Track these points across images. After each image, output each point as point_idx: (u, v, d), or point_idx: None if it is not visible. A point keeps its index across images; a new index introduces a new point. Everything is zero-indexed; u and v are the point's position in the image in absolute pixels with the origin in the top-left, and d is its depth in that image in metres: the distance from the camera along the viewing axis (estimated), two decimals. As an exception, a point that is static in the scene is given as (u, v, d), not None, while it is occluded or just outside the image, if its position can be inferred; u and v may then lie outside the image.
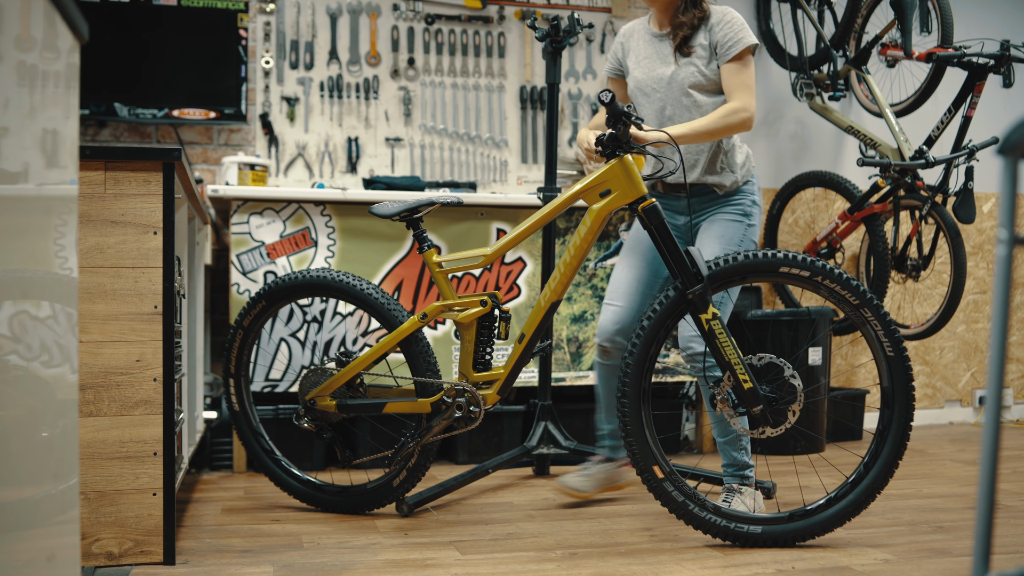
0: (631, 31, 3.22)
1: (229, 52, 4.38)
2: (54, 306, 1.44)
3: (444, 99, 4.76)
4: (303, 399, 3.08)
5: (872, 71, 4.72)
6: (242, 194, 3.85)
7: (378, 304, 3.03)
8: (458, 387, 2.92)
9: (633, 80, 3.14)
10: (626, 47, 3.20)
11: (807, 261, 2.64)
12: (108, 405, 2.42)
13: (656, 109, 3.09)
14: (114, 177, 2.43)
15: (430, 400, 2.95)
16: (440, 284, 2.97)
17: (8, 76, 1.15)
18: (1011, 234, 1.08)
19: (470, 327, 2.93)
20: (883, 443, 2.64)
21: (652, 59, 3.11)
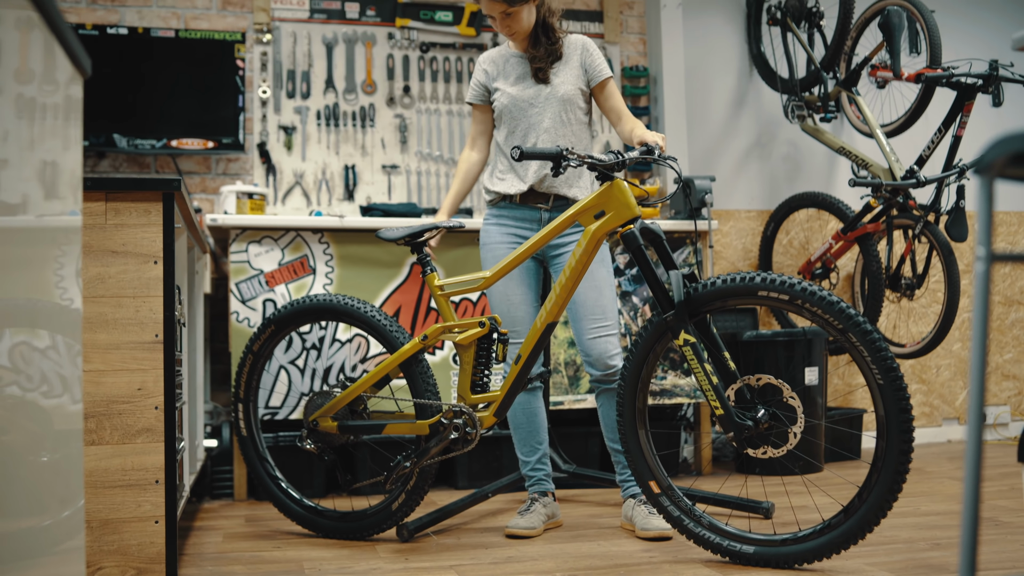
0: (493, 57, 3.35)
1: (226, 82, 4.43)
2: (55, 336, 1.46)
3: (440, 126, 4.81)
4: (306, 421, 3.13)
5: (862, 92, 4.77)
6: (240, 223, 3.89)
7: (381, 327, 3.08)
8: (456, 409, 2.95)
9: (507, 97, 3.24)
10: (491, 72, 3.31)
11: (786, 284, 2.55)
12: (110, 433, 2.44)
13: (532, 123, 3.22)
14: (115, 208, 2.46)
15: (428, 422, 2.98)
16: (441, 307, 3.03)
17: (9, 109, 1.18)
18: (988, 251, 1.11)
19: (469, 349, 2.97)
20: (877, 474, 2.51)
21: (524, 78, 3.26)
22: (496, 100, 3.28)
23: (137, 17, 4.50)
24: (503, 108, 3.25)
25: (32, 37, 1.24)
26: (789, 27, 4.91)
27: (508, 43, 3.36)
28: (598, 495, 3.86)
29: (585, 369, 3.24)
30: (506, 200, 3.27)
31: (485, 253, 3.30)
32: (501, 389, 2.96)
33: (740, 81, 5.24)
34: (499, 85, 3.28)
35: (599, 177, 2.81)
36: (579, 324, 3.18)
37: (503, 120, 3.28)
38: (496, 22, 3.20)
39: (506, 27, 3.19)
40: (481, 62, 3.36)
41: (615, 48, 5.07)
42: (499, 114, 3.28)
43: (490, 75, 3.32)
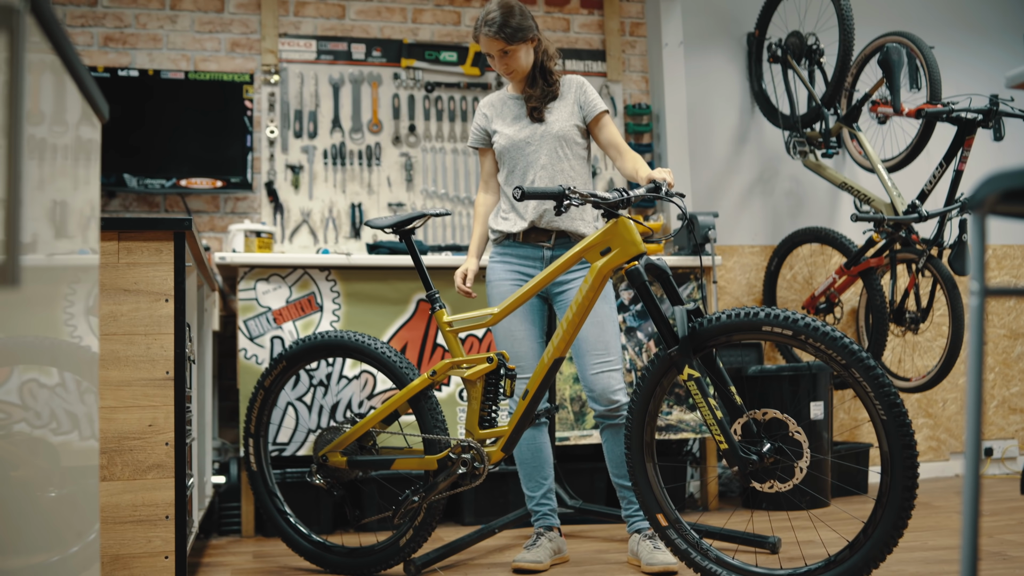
0: (492, 101, 3.44)
1: (235, 122, 4.49)
2: (63, 374, 1.49)
3: (445, 164, 4.86)
4: (316, 456, 3.16)
5: (864, 128, 4.82)
6: (249, 261, 3.93)
7: (390, 362, 3.12)
8: (464, 443, 2.98)
9: (505, 138, 3.31)
10: (490, 116, 3.40)
11: (789, 319, 2.56)
12: (121, 469, 2.47)
13: (530, 161, 3.28)
14: (127, 247, 2.51)
15: (437, 457, 3.01)
16: (450, 343, 3.08)
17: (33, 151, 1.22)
18: (982, 285, 1.14)
19: (477, 384, 3.00)
20: (882, 510, 2.48)
21: (521, 118, 3.34)
22: (495, 142, 3.35)
23: (147, 59, 4.57)
24: (502, 149, 3.32)
25: (54, 83, 1.29)
26: (790, 64, 4.97)
27: (507, 86, 3.43)
28: (604, 530, 3.87)
29: (589, 405, 3.27)
30: (509, 238, 3.32)
31: (491, 291, 3.34)
32: (509, 424, 2.98)
33: (742, 118, 5.29)
34: (497, 127, 3.35)
35: (605, 214, 2.85)
36: (582, 360, 3.21)
37: (503, 161, 3.34)
38: (495, 61, 3.27)
39: (504, 66, 3.26)
40: (481, 107, 3.44)
41: (618, 86, 5.14)
42: (499, 155, 3.35)
43: (488, 118, 3.39)
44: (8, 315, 1.07)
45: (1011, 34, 5.63)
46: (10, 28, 0.90)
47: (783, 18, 5.12)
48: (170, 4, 4.65)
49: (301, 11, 4.79)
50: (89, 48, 4.54)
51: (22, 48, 0.92)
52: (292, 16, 4.78)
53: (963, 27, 5.59)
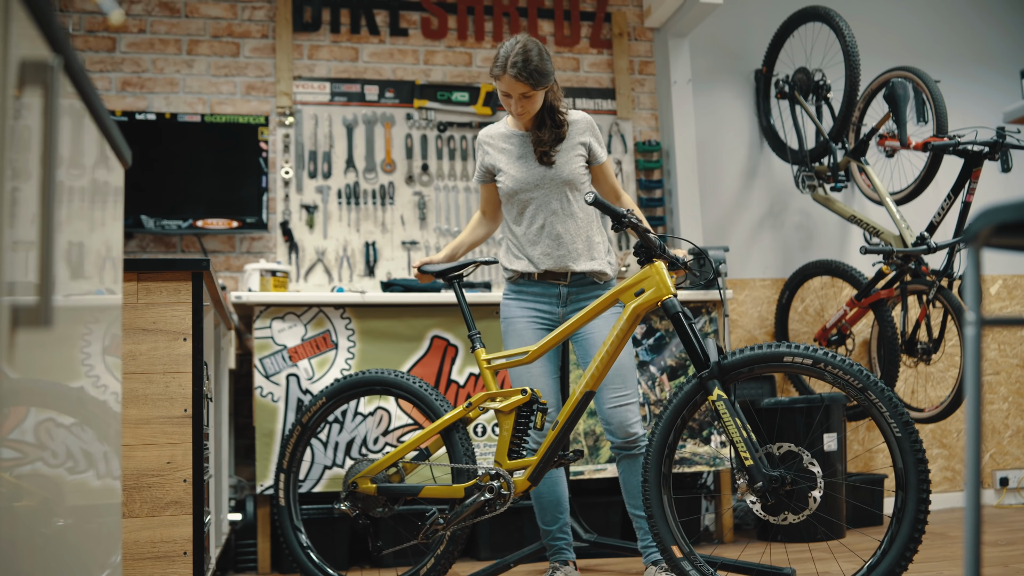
0: (492, 135, 3.41)
1: (250, 164, 4.57)
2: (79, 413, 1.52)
3: (458, 202, 4.92)
4: (346, 483, 3.22)
5: (872, 161, 4.86)
6: (264, 299, 3.98)
7: (427, 397, 3.24)
8: (492, 472, 3.04)
9: (512, 180, 3.31)
10: (491, 152, 3.39)
11: (809, 349, 2.73)
12: (140, 506, 2.50)
13: (540, 205, 3.30)
14: (146, 287, 2.56)
15: (465, 485, 3.07)
16: (486, 378, 3.17)
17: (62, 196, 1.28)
18: (978, 316, 1.18)
19: (509, 416, 3.08)
20: (899, 526, 2.63)
21: (527, 158, 3.33)
22: (501, 183, 3.35)
23: (164, 103, 4.66)
24: (509, 191, 3.32)
25: (81, 130, 1.35)
26: (797, 100, 5.02)
27: (507, 119, 3.43)
28: (619, 564, 3.87)
29: (606, 437, 3.31)
30: (525, 277, 3.36)
31: (507, 327, 3.37)
32: (537, 455, 3.04)
33: (751, 153, 5.34)
34: (501, 166, 3.35)
35: (642, 260, 2.97)
36: (600, 393, 3.25)
37: (511, 202, 3.35)
38: (511, 102, 3.23)
39: (520, 107, 3.23)
40: (480, 142, 3.43)
41: (628, 124, 5.20)
42: (505, 196, 3.36)
43: (490, 155, 3.39)
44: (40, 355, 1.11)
45: (1017, 65, 5.67)
46: (44, 83, 0.95)
47: (790, 55, 5.18)
48: (187, 49, 4.75)
49: (315, 54, 4.88)
50: (107, 92, 4.63)
51: (56, 102, 0.98)
52: (306, 59, 4.86)
53: (969, 59, 5.64)
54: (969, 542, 1.21)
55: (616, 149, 5.17)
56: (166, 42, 4.73)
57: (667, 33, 5.20)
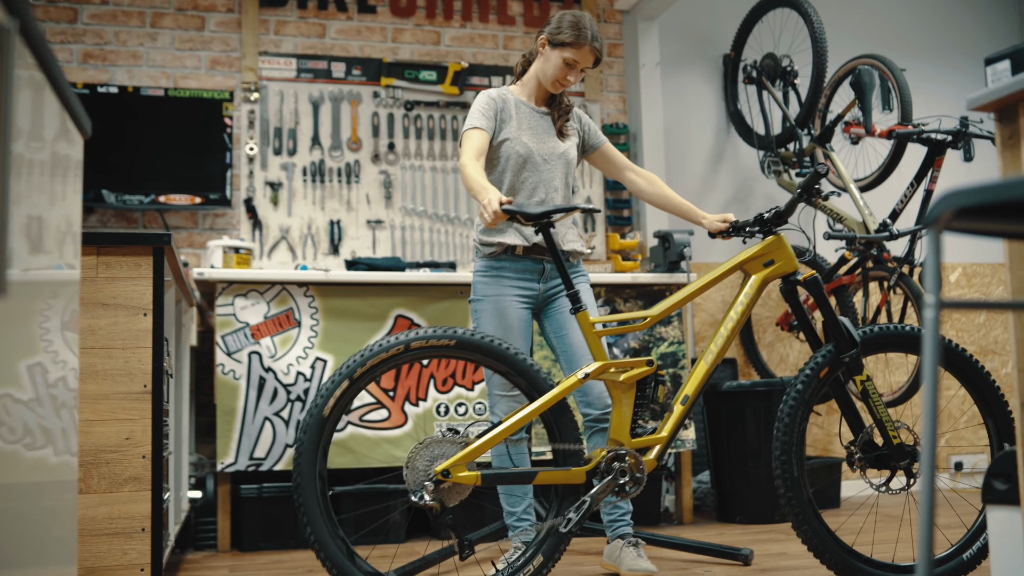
0: (504, 97, 3.28)
1: (214, 139, 4.52)
2: (38, 388, 1.50)
3: (424, 182, 4.91)
4: (433, 472, 2.69)
5: (837, 148, 4.89)
6: (227, 276, 3.95)
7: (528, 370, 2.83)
8: (617, 452, 2.80)
9: (524, 148, 3.21)
10: (505, 111, 3.25)
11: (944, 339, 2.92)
12: (98, 482, 2.48)
13: (544, 179, 3.23)
14: (106, 262, 2.53)
15: (585, 469, 2.79)
16: (593, 346, 2.87)
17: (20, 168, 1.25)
18: (937, 298, 1.19)
19: (630, 390, 2.85)
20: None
21: (539, 131, 3.27)
22: (508, 145, 3.20)
23: (127, 76, 4.60)
24: (516, 157, 3.20)
25: (38, 99, 1.32)
26: (764, 86, 5.04)
27: (511, 88, 3.34)
28: (579, 543, 3.89)
29: (581, 410, 3.17)
30: (507, 252, 3.20)
31: (486, 307, 3.18)
32: (666, 432, 2.86)
33: (718, 138, 5.36)
34: (512, 131, 3.22)
35: (765, 231, 3.01)
36: (577, 365, 3.19)
37: (509, 168, 3.20)
38: (569, 71, 3.20)
39: (575, 78, 3.23)
40: (493, 97, 3.24)
41: (595, 106, 5.20)
42: (505, 160, 3.20)
43: (505, 112, 3.25)
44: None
45: (984, 53, 5.73)
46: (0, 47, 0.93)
47: (758, 40, 5.20)
48: (150, 22, 4.68)
49: (281, 30, 4.83)
50: (69, 64, 4.56)
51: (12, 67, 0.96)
52: (272, 35, 4.81)
53: (936, 47, 5.69)
54: (923, 524, 1.23)
55: (583, 131, 5.16)
56: (129, 14, 4.66)
57: (636, 16, 5.19)
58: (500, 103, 3.24)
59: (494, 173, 3.24)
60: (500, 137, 3.21)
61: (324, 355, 4.02)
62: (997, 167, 2.78)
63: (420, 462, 2.70)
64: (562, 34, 3.16)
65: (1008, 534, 1.96)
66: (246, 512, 3.93)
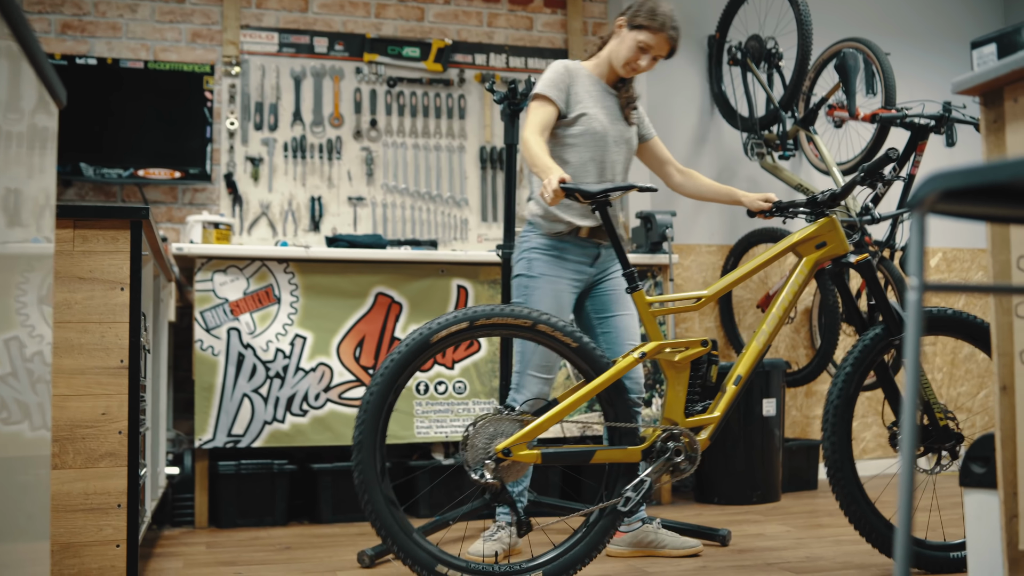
0: (576, 71, 3.24)
1: (194, 114, 4.47)
2: (14, 363, 1.48)
3: (406, 159, 4.87)
4: (494, 451, 2.65)
5: (820, 131, 4.89)
6: (206, 252, 3.92)
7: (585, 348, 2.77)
8: (671, 431, 2.79)
9: (600, 125, 3.20)
10: (580, 84, 3.22)
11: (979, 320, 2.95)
12: (73, 458, 2.46)
13: (612, 160, 3.23)
14: (83, 235, 2.50)
15: (641, 448, 2.77)
16: (648, 326, 2.86)
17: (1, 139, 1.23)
18: (920, 281, 1.18)
19: (684, 370, 2.84)
20: None
21: (611, 112, 3.25)
22: (586, 120, 3.18)
23: (106, 48, 4.54)
24: (592, 134, 3.18)
25: (10, 68, 1.29)
26: (749, 67, 5.03)
27: (584, 64, 3.30)
28: (558, 523, 3.90)
29: None
30: (572, 233, 3.17)
31: (537, 285, 3.14)
32: (719, 411, 2.85)
33: (702, 119, 5.35)
34: (589, 106, 3.19)
35: (816, 213, 3.02)
36: (621, 346, 3.19)
37: (583, 143, 3.18)
38: (643, 56, 3.20)
39: (646, 63, 3.22)
40: (569, 69, 3.21)
41: (579, 85, 5.17)
42: (581, 135, 3.18)
43: (578, 86, 3.20)
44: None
45: (971, 36, 5.73)
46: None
47: (743, 22, 5.18)
48: (130, -8, 4.62)
49: (263, 3, 4.78)
50: (46, 35, 4.50)
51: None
52: (254, 8, 4.76)
53: (922, 31, 5.69)
54: (903, 505, 1.22)
55: (567, 111, 5.14)
56: (109, -15, 4.60)
57: (621, -5, 5.17)
58: (572, 76, 3.22)
59: (567, 147, 3.20)
60: (577, 111, 3.20)
61: (304, 332, 4.00)
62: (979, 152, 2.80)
63: (479, 440, 2.67)
64: (639, 17, 3.17)
65: (985, 517, 1.97)
66: (224, 489, 3.91)
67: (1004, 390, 1.90)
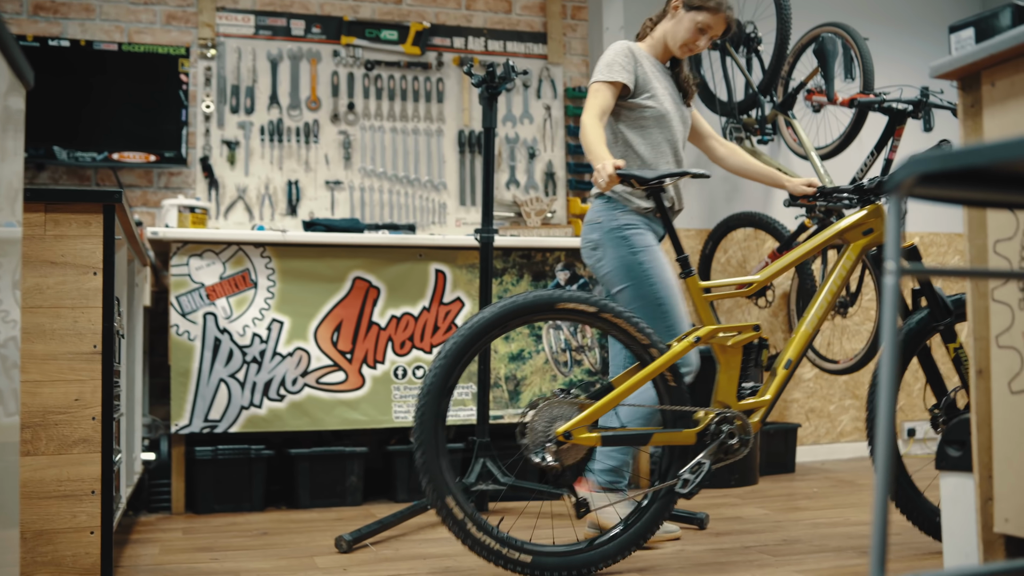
0: (638, 53, 3.23)
1: (170, 96, 4.43)
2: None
3: (384, 143, 4.84)
4: (554, 434, 2.70)
5: (799, 116, 4.89)
6: (182, 236, 3.88)
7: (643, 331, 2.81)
8: (724, 414, 2.83)
9: (665, 108, 3.21)
10: (645, 68, 3.21)
11: None
12: (46, 444, 2.43)
13: (676, 141, 3.26)
14: (54, 219, 2.47)
15: (696, 430, 2.81)
16: (702, 311, 2.92)
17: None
18: (898, 265, 1.18)
19: (737, 354, 2.88)
20: None
21: (672, 92, 3.29)
22: (656, 102, 3.19)
23: (80, 30, 4.48)
24: (660, 117, 3.20)
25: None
26: (728, 51, 5.02)
27: (640, 45, 3.30)
28: (535, 507, 3.90)
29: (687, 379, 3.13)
30: (652, 211, 3.18)
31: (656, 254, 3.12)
32: (770, 394, 2.90)
33: (680, 103, 5.34)
34: (656, 88, 3.20)
35: (863, 199, 3.02)
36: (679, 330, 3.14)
37: (654, 125, 3.20)
38: (704, 38, 3.23)
39: (704, 44, 3.24)
40: (633, 51, 3.20)
41: (559, 69, 5.15)
42: (651, 118, 3.19)
43: (643, 68, 3.20)
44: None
45: (945, 24, 5.74)
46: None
47: (722, 5, 5.16)
48: (104, -27, 4.56)
49: (239, -16, 4.72)
50: (18, 16, 4.43)
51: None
52: (230, -11, 4.71)
53: (899, 17, 5.69)
54: (880, 487, 1.22)
55: (546, 94, 5.12)
56: (82, -35, 4.54)
57: (600, -22, 5.14)
58: (637, 58, 3.22)
59: (641, 130, 3.22)
60: (646, 93, 3.20)
61: (281, 317, 3.97)
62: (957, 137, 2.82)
63: (539, 424, 2.73)
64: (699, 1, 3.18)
65: (960, 500, 1.98)
66: (201, 474, 3.89)
67: (980, 374, 1.91)
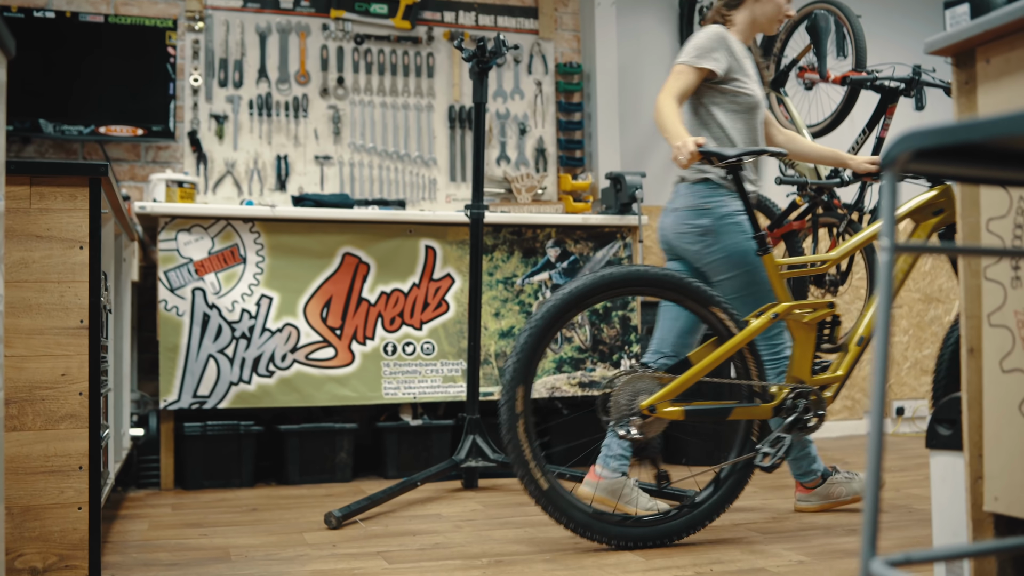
0: (729, 38, 3.20)
1: (157, 69, 4.38)
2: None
3: (373, 118, 4.81)
4: (638, 407, 2.78)
5: (791, 93, 4.87)
6: (170, 211, 3.86)
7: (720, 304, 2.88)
8: (800, 389, 2.87)
9: (756, 94, 3.21)
10: (733, 52, 3.19)
11: None
12: (32, 419, 2.41)
13: (758, 124, 3.25)
14: (40, 192, 2.44)
15: (771, 405, 2.87)
16: (777, 287, 2.92)
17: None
18: (891, 242, 1.17)
19: (811, 331, 2.92)
20: None
21: (756, 76, 3.28)
22: (751, 88, 3.20)
23: (65, 1, 4.43)
24: (753, 104, 3.20)
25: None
26: (720, 27, 4.99)
27: (730, 29, 3.27)
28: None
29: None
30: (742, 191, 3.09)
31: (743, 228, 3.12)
32: (842, 370, 2.93)
33: (672, 79, 5.31)
34: (750, 73, 3.21)
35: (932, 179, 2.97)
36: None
37: (746, 111, 3.21)
38: (787, 3, 3.23)
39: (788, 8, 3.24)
40: (722, 35, 3.18)
41: (549, 45, 5.12)
42: (745, 104, 3.19)
43: (734, 55, 3.18)
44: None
45: (938, 3, 5.72)
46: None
47: (714, -20, 5.13)
48: (90, -56, 4.50)
49: (227, -44, 4.67)
50: (4, -13, 4.38)
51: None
52: (218, -39, 4.66)
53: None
54: (871, 465, 1.22)
55: (537, 70, 5.09)
56: (68, -65, 4.48)
57: (593, -47, 5.10)
58: (729, 43, 3.19)
59: (735, 115, 3.21)
60: (740, 78, 3.19)
61: (270, 292, 3.96)
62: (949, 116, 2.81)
63: (623, 397, 2.79)
64: None
65: (950, 479, 1.98)
66: (190, 450, 3.88)
67: (971, 352, 1.90)
